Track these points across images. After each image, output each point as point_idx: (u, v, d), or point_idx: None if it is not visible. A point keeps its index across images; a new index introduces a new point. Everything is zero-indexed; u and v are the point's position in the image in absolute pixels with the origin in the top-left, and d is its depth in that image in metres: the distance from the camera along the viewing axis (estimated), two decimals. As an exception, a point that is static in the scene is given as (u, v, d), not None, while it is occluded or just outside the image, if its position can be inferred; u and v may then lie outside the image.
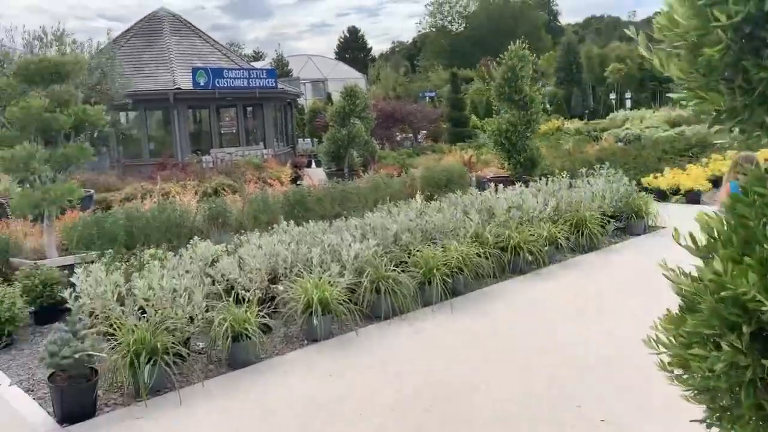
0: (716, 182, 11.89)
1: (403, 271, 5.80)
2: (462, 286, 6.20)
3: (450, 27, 77.79)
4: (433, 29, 77.87)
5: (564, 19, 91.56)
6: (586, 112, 46.56)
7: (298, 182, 13.44)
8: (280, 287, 5.42)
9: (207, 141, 20.51)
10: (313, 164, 24.10)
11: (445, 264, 6.00)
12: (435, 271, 5.87)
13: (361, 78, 42.69)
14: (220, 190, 11.03)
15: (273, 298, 5.43)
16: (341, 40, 73.26)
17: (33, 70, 6.73)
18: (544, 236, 7.10)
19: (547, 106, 27.49)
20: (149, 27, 22.31)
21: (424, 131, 27.36)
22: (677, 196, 10.91)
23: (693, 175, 11.21)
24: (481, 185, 14.02)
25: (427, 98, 37.21)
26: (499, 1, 76.54)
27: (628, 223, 8.54)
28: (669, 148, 15.69)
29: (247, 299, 4.95)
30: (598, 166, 9.58)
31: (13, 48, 12.04)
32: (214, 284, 5.25)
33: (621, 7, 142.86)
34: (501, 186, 8.48)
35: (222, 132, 22.06)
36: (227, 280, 5.32)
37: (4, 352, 5.23)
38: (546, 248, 7.05)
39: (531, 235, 7.02)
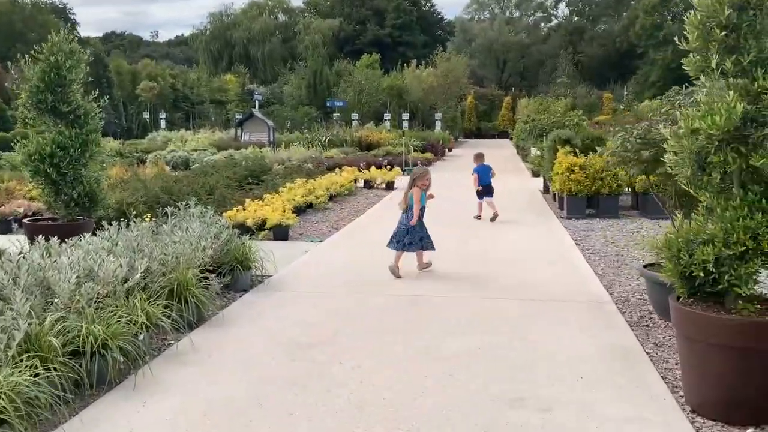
0: (298, 212, 11.10)
1: None
2: (8, 448, 3.35)
3: (-62, 19, 63.31)
4: None
5: (83, 32, 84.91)
6: (118, 130, 43.32)
7: None
8: None
9: None
10: None
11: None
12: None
13: None
14: None
15: None
16: None
17: None
18: (141, 321, 4.67)
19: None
20: None
21: None
22: (264, 232, 9.62)
23: (278, 208, 10.09)
24: (5, 226, 10.29)
25: None
26: (5, 0, 65.87)
27: (233, 277, 6.69)
28: (232, 174, 14.53)
29: None
30: (184, 203, 7.47)
31: None
32: None
33: (142, 26, 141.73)
34: (54, 239, 5.59)
35: None
36: None
37: None
38: (142, 336, 4.64)
39: (118, 321, 4.50)
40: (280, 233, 9.61)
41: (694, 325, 3.71)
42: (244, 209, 10.05)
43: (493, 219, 10.92)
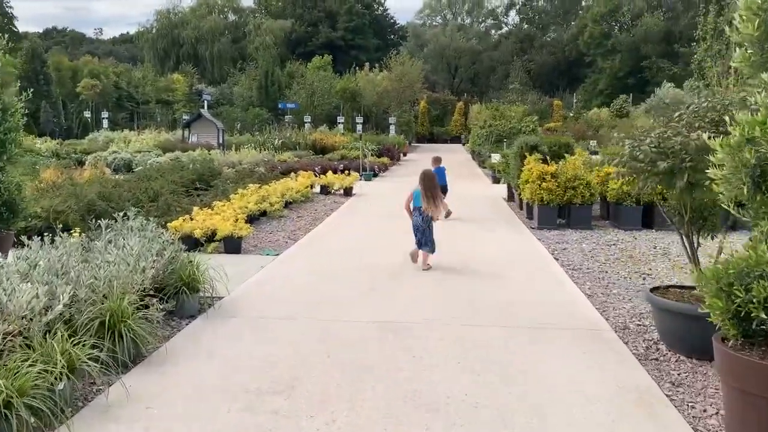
0: (251, 220, 10.17)
1: None
2: None
3: None
4: None
5: (21, 27, 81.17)
6: (57, 130, 41.18)
7: None
8: None
9: None
10: None
11: None
12: None
13: None
14: None
15: None
16: None
17: None
18: (59, 368, 3.73)
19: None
20: None
21: None
22: (214, 244, 8.68)
23: (229, 217, 9.16)
24: None
25: None
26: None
27: (178, 301, 5.76)
28: (178, 178, 13.45)
29: None
30: (121, 214, 6.48)
31: None
32: None
33: (85, 22, 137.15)
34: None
35: None
36: None
37: None
38: (62, 386, 3.72)
39: (30, 369, 3.57)
40: (232, 245, 8.68)
41: (755, 378, 3.03)
42: (191, 219, 9.07)
43: (446, 216, 11.42)
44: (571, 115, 50.08)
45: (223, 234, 8.62)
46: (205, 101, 29.85)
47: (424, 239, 7.76)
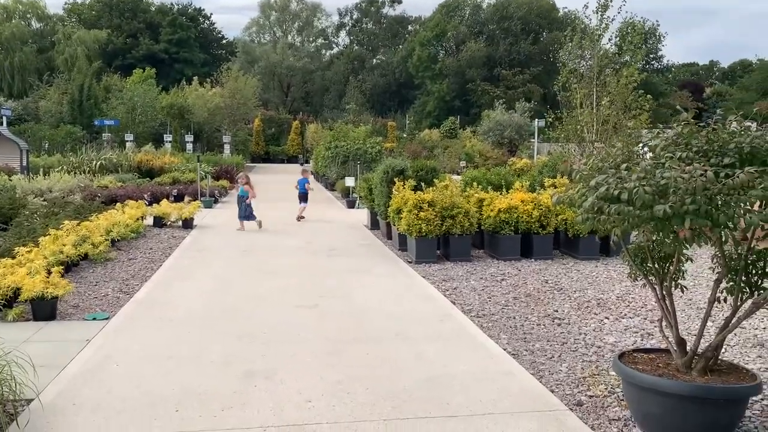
0: (69, 268, 7.94)
1: None
2: None
3: None
4: None
5: None
6: None
7: None
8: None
9: None
10: None
11: None
12: None
13: None
14: None
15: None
16: None
17: None
18: None
19: None
20: None
21: None
22: (19, 308, 6.46)
23: (39, 268, 6.93)
24: None
25: None
26: None
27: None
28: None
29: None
30: None
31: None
32: None
33: None
34: None
35: None
36: None
37: None
38: None
39: None
40: (44, 309, 6.50)
41: None
42: (-18, 275, 6.73)
43: (298, 219, 14.59)
44: (405, 135, 50.89)
45: (31, 294, 6.42)
46: (5, 117, 25.53)
47: (251, 215, 13.05)
